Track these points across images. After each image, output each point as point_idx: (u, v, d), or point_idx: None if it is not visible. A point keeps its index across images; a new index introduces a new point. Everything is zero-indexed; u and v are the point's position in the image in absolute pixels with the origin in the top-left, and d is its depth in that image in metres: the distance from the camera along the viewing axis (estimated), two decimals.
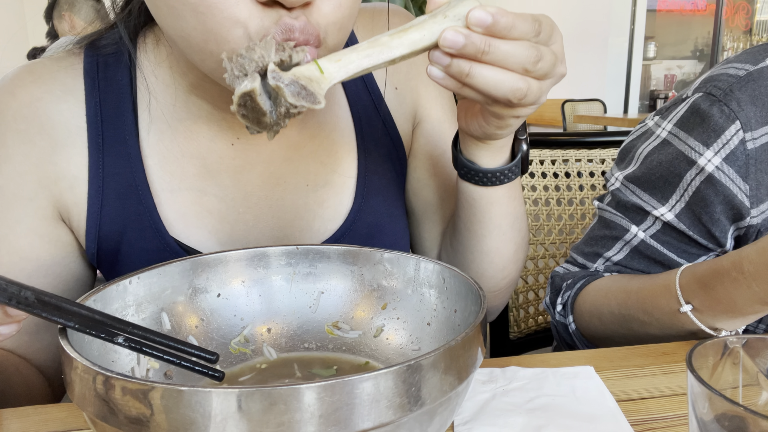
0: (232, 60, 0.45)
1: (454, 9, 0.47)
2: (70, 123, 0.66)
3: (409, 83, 0.78)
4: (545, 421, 0.53)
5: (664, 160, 0.77)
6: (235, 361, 0.57)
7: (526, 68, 0.48)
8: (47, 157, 0.65)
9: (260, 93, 0.45)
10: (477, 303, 0.48)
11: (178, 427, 0.34)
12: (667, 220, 0.76)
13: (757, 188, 0.71)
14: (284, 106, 0.45)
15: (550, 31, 0.49)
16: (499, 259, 0.70)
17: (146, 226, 0.66)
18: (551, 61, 0.49)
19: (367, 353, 0.58)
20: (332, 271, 0.61)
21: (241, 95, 0.45)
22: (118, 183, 0.66)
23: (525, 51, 0.47)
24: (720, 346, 0.40)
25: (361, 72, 0.47)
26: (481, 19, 0.45)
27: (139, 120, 0.68)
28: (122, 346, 0.44)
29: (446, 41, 0.46)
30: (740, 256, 0.61)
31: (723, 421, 0.34)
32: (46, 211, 0.66)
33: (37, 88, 0.66)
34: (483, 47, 0.46)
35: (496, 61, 0.47)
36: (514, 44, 0.47)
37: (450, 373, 0.39)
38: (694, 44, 6.64)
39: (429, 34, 0.47)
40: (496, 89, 0.48)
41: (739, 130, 0.70)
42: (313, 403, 0.34)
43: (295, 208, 0.71)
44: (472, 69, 0.47)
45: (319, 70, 0.46)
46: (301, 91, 0.45)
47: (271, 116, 0.46)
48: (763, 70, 0.73)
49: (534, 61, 0.47)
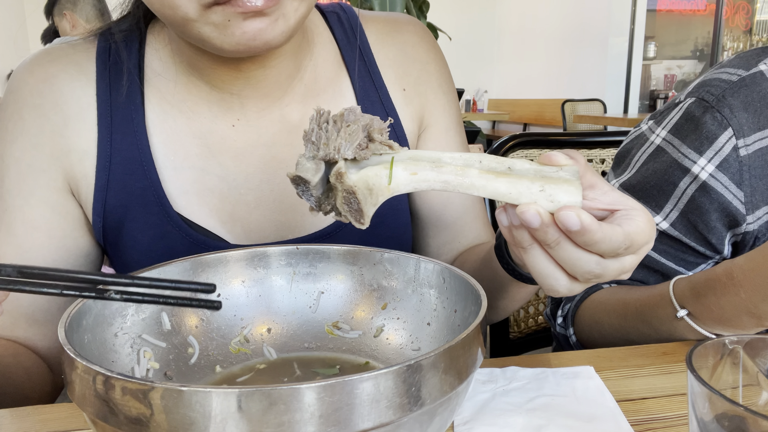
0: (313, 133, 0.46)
1: (555, 187, 0.44)
2: (81, 100, 0.69)
3: (418, 88, 0.79)
4: (545, 421, 0.53)
5: (658, 169, 0.76)
6: (235, 361, 0.57)
7: (578, 277, 0.46)
8: (59, 130, 0.69)
9: (315, 185, 0.45)
10: (477, 303, 0.48)
11: (178, 427, 0.34)
12: (663, 229, 0.76)
13: (752, 194, 0.71)
14: (331, 205, 0.46)
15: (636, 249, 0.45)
16: (503, 312, 0.73)
17: (150, 201, 0.69)
18: (610, 277, 0.46)
19: (367, 353, 0.58)
20: (332, 271, 0.61)
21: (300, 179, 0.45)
22: (124, 158, 0.69)
23: (588, 266, 0.45)
24: (720, 346, 0.40)
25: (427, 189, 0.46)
26: (567, 224, 0.42)
27: (145, 100, 0.71)
28: (115, 300, 0.42)
29: (524, 215, 0.43)
30: (732, 264, 0.61)
31: (723, 421, 0.34)
32: (57, 183, 0.69)
33: (52, 67, 0.70)
34: (551, 243, 0.44)
35: (555, 257, 0.45)
36: (584, 254, 0.44)
37: (450, 373, 0.39)
38: (694, 44, 6.64)
39: (515, 196, 0.44)
40: (539, 276, 0.47)
41: (731, 137, 0.70)
42: (313, 403, 0.34)
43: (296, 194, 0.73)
44: (531, 248, 0.46)
45: (387, 178, 0.44)
46: (353, 204, 0.45)
47: (316, 202, 0.47)
48: (756, 75, 0.73)
49: (590, 277, 0.46)
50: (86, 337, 0.47)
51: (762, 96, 0.71)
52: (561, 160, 0.45)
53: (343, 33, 0.78)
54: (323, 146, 0.45)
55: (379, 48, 0.78)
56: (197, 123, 0.71)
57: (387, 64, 0.78)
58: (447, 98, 0.81)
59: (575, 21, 6.25)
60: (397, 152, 0.46)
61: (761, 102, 0.71)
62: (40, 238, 0.69)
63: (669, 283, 0.69)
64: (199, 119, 0.71)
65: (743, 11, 6.33)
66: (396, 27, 0.81)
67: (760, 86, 0.72)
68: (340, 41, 0.77)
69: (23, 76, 0.70)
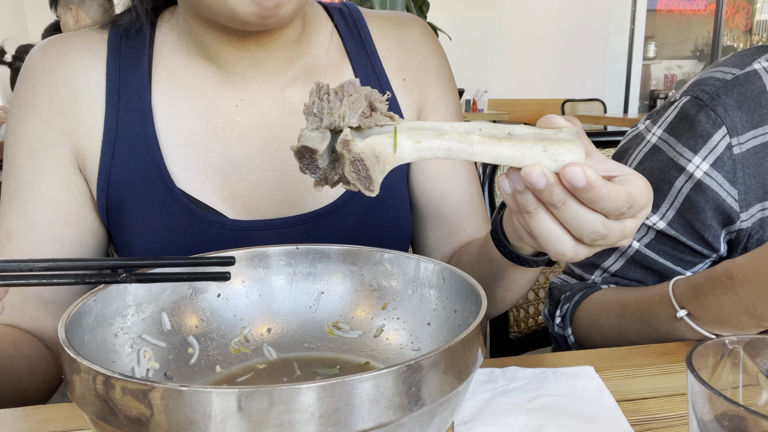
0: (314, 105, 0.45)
1: (558, 147, 0.44)
2: (90, 78, 0.72)
3: (418, 79, 0.81)
4: (545, 421, 0.53)
5: (655, 168, 0.77)
6: (235, 361, 0.57)
7: (583, 238, 0.46)
8: (69, 106, 0.71)
9: (322, 155, 0.45)
10: (477, 303, 0.48)
11: (178, 427, 0.34)
12: (660, 229, 0.77)
13: (746, 192, 0.71)
14: (339, 174, 0.45)
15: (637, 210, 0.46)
16: (501, 304, 0.73)
17: (153, 176, 0.70)
18: (614, 240, 0.47)
19: (367, 353, 0.58)
20: (332, 271, 0.61)
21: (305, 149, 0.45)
22: (129, 135, 0.71)
23: (593, 226, 0.45)
24: (720, 346, 0.40)
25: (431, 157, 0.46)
26: (573, 180, 0.43)
27: (153, 80, 0.73)
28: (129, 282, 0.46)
29: (529, 176, 0.43)
30: (732, 263, 0.61)
31: (723, 421, 0.34)
32: (66, 158, 0.71)
33: (65, 47, 0.73)
34: (557, 203, 0.44)
35: (561, 218, 0.45)
36: (589, 214, 0.45)
37: (450, 373, 0.39)
38: (694, 44, 6.64)
39: (519, 159, 0.44)
40: (545, 241, 0.47)
41: (725, 135, 0.71)
42: (313, 403, 0.34)
43: (297, 174, 0.74)
44: (536, 212, 0.46)
45: (393, 146, 0.44)
46: (361, 171, 0.45)
47: (323, 174, 0.46)
48: (750, 74, 0.73)
49: (595, 238, 0.46)
50: (86, 337, 0.47)
51: (756, 95, 0.72)
52: (560, 122, 0.46)
53: (345, 26, 0.81)
54: (327, 116, 0.45)
55: (381, 41, 0.81)
56: (202, 102, 0.73)
57: (388, 55, 0.80)
58: (446, 92, 0.83)
59: (575, 21, 6.25)
60: (399, 123, 0.47)
61: (755, 101, 0.71)
62: (49, 214, 0.70)
63: (668, 284, 0.69)
64: (204, 99, 0.73)
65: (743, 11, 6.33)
66: (398, 23, 0.83)
67: (754, 85, 0.72)
68: (342, 33, 0.80)
69: (37, 56, 0.73)
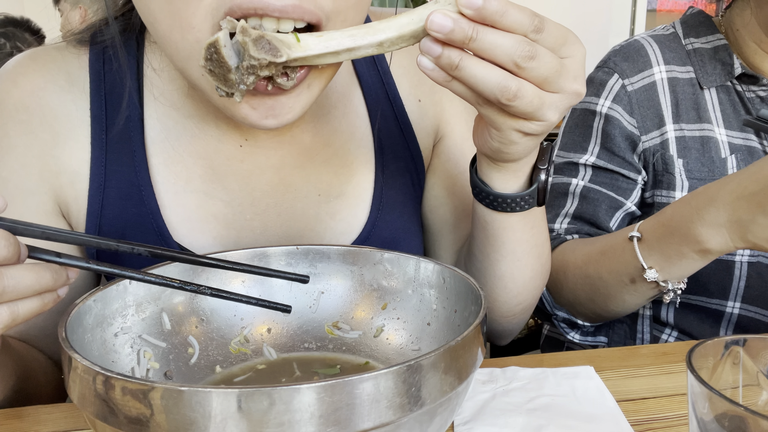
0: None
1: None
2: (73, 115, 0.63)
3: (434, 97, 0.75)
4: (545, 421, 0.53)
5: (577, 120, 0.96)
6: (235, 361, 0.57)
7: (516, 62, 0.45)
8: (49, 150, 0.63)
9: (225, 45, 0.45)
10: (477, 303, 0.48)
11: (178, 427, 0.34)
12: (592, 163, 0.93)
13: (643, 121, 0.91)
14: (247, 61, 0.45)
15: (560, 39, 0.46)
16: (513, 284, 0.66)
17: (149, 230, 0.64)
18: (551, 66, 0.46)
19: (367, 353, 0.58)
20: (332, 271, 0.61)
21: (207, 47, 0.45)
22: (120, 182, 0.64)
23: (515, 43, 0.44)
24: (720, 346, 0.40)
25: (344, 51, 0.46)
26: (471, 4, 0.43)
27: (145, 117, 0.65)
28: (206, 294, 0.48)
29: (433, 24, 0.43)
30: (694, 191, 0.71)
31: (723, 421, 0.34)
32: (47, 206, 0.64)
33: (40, 77, 0.63)
34: (471, 33, 0.43)
35: (483, 50, 0.44)
36: (504, 34, 0.44)
37: (450, 373, 0.39)
38: None
39: (417, 18, 0.45)
40: (483, 84, 0.45)
41: (618, 79, 0.92)
42: (313, 403, 0.34)
43: (305, 219, 0.69)
44: (461, 61, 0.45)
45: (296, 39, 0.46)
46: (266, 45, 0.45)
47: (236, 72, 0.46)
48: (632, 41, 0.96)
49: (524, 56, 0.44)
50: (86, 337, 0.47)
51: (636, 50, 0.94)
52: None
53: None
54: None
55: (393, 56, 0.75)
56: (202, 142, 0.65)
57: (401, 72, 0.74)
58: (463, 106, 0.77)
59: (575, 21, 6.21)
60: None
61: (636, 53, 0.94)
62: None
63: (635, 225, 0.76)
64: (204, 138, 0.65)
65: None
66: None
67: (634, 46, 0.95)
68: None
69: (7, 88, 0.63)
